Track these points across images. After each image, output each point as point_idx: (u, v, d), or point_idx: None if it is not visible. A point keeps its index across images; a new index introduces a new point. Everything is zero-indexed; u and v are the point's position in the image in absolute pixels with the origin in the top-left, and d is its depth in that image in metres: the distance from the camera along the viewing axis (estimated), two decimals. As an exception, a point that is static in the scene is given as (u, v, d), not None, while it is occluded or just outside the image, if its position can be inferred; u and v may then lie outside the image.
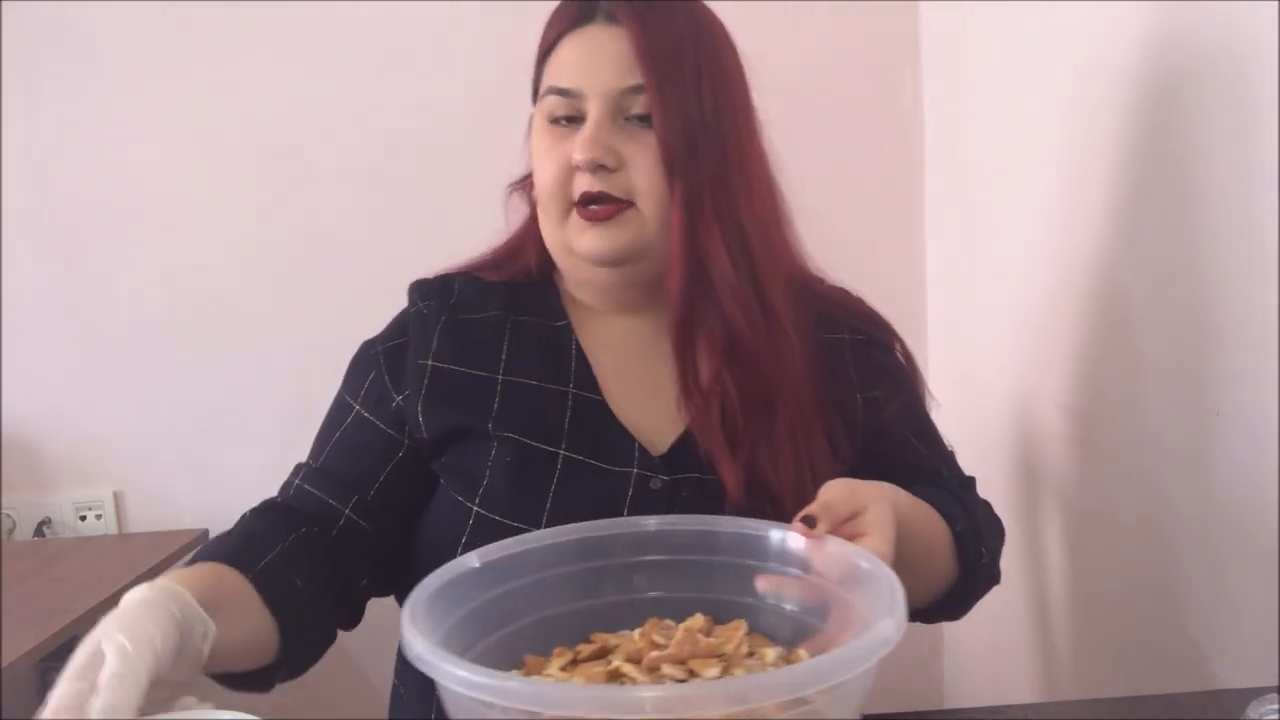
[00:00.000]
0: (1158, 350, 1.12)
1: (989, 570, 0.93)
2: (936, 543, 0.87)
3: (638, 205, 0.91)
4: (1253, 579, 0.98)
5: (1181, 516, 1.10)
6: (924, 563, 0.84)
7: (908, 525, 0.77)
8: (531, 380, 0.95)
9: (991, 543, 0.93)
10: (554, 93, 0.92)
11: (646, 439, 0.94)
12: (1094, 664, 1.33)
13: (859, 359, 1.00)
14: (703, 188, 0.90)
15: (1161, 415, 1.12)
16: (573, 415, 0.94)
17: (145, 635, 0.63)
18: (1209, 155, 1.01)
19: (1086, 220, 1.25)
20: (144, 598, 0.66)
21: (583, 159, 0.89)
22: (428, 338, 0.97)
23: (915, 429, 1.01)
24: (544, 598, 0.72)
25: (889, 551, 0.70)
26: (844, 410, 0.96)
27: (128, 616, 0.64)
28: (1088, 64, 1.23)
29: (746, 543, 0.73)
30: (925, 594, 0.89)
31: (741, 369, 0.91)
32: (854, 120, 1.91)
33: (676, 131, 0.89)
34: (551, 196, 0.92)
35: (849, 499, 0.72)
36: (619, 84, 0.90)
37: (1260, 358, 0.94)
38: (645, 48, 0.89)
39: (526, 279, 1.02)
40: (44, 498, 1.92)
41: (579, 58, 0.92)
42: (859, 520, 0.72)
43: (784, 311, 0.93)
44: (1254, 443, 0.96)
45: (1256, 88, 0.93)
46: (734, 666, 0.64)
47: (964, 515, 0.90)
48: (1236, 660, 1.02)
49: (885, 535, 0.71)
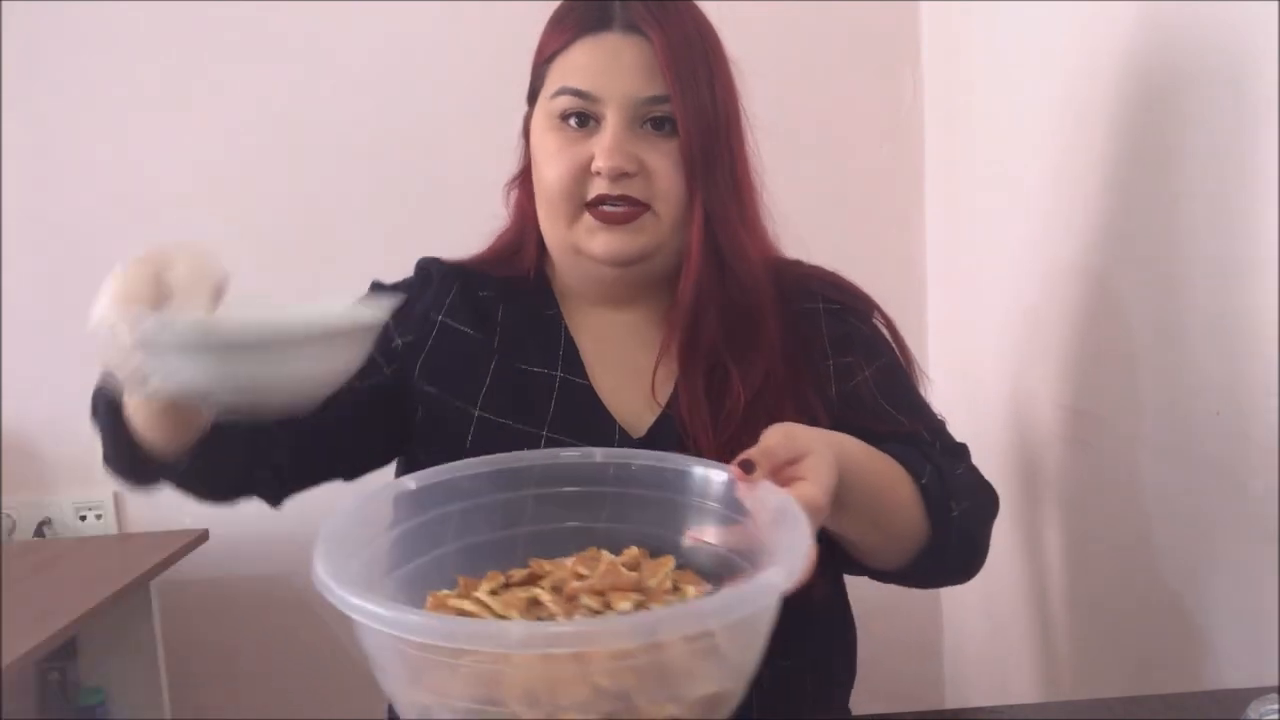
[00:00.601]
0: (1157, 350, 1.12)
1: (963, 529, 0.90)
2: (898, 494, 0.86)
3: (654, 208, 0.94)
4: (1252, 579, 0.98)
5: (1181, 516, 1.10)
6: (885, 514, 0.85)
7: (860, 474, 0.78)
8: (521, 364, 1.00)
9: (965, 501, 0.90)
10: (569, 93, 0.94)
11: (627, 422, 0.98)
12: (1094, 664, 1.33)
13: (832, 327, 1.02)
14: (719, 189, 0.94)
15: (1161, 415, 1.12)
16: (559, 398, 0.98)
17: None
18: (1209, 155, 1.01)
19: (1086, 220, 1.26)
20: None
21: (607, 167, 0.92)
22: (441, 295, 1.02)
23: (892, 396, 1.00)
24: (488, 521, 0.74)
25: (823, 497, 0.71)
26: (817, 377, 0.99)
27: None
28: (1088, 64, 1.23)
29: (689, 480, 0.74)
30: (896, 550, 0.89)
31: (735, 350, 0.96)
32: (854, 120, 1.91)
33: (697, 139, 0.93)
34: (562, 197, 0.95)
35: (788, 445, 0.73)
36: (640, 93, 0.93)
37: (1260, 358, 0.94)
38: (669, 60, 0.92)
39: (525, 275, 1.05)
40: (44, 498, 1.92)
41: (597, 63, 0.94)
42: (797, 466, 0.73)
43: (768, 296, 0.98)
44: (1253, 443, 0.96)
45: (1256, 88, 0.93)
46: (653, 601, 0.65)
47: (932, 471, 0.89)
48: (1236, 660, 1.02)
49: (821, 482, 0.71)
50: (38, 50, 1.84)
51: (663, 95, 0.93)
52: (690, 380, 0.96)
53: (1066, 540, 1.39)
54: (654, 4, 0.94)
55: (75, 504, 1.92)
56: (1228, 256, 0.99)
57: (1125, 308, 1.19)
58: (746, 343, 0.96)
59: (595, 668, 0.57)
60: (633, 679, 0.57)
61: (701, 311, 0.96)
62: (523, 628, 0.59)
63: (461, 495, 0.74)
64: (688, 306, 0.96)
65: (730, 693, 0.62)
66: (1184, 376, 1.07)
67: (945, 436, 1.00)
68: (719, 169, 0.94)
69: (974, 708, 1.09)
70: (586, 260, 0.97)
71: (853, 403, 0.98)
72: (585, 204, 0.94)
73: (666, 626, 0.57)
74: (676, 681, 0.58)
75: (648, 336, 1.01)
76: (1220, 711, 0.80)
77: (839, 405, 0.98)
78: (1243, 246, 0.96)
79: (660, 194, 0.94)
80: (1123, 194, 1.18)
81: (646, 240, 0.95)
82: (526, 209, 1.03)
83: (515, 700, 0.57)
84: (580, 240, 0.96)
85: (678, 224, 0.95)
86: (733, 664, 0.61)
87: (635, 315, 1.02)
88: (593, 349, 1.02)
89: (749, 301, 0.96)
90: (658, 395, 0.99)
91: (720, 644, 0.59)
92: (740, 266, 0.96)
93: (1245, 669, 1.00)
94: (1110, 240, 1.21)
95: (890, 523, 0.86)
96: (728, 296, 0.96)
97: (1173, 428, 1.10)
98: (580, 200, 0.94)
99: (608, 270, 0.97)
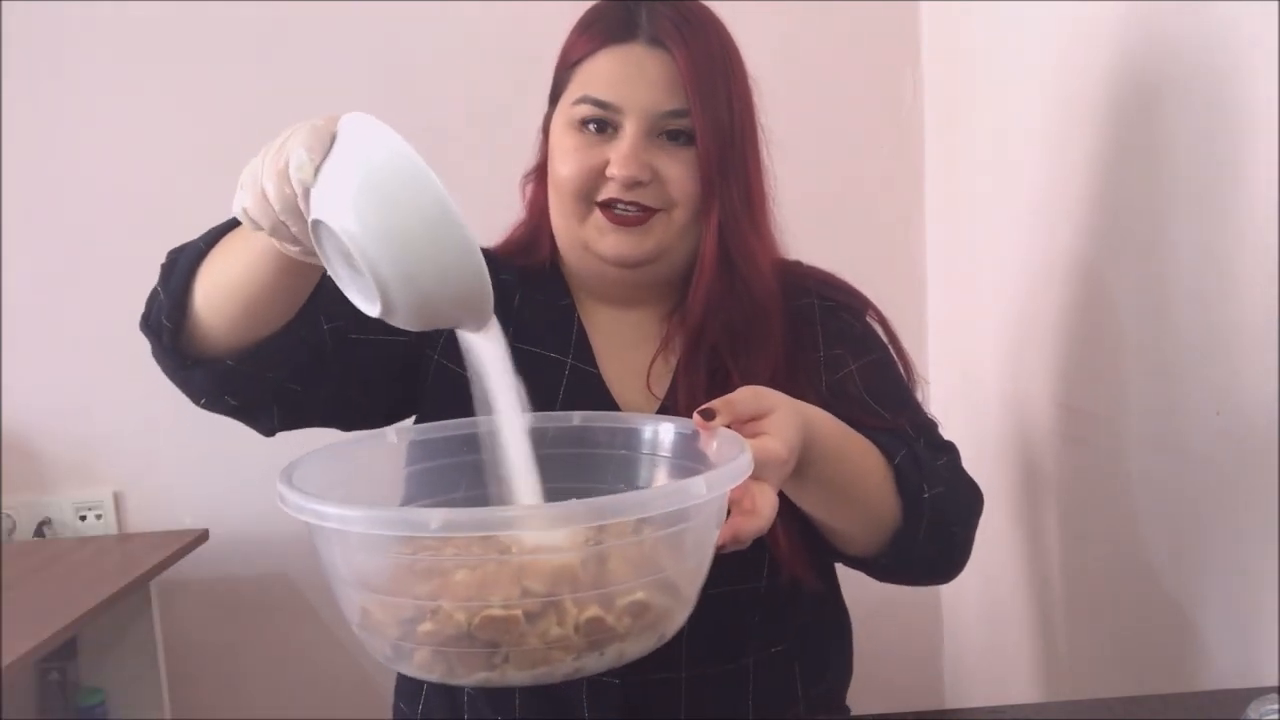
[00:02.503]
0: (1156, 350, 1.12)
1: (936, 514, 0.90)
2: (868, 470, 0.87)
3: (665, 213, 0.97)
4: (1252, 579, 0.98)
5: (1181, 516, 1.10)
6: (854, 488, 0.86)
7: (828, 443, 0.80)
8: (534, 347, 1.01)
9: (939, 487, 0.91)
10: (590, 102, 0.96)
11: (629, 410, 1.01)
12: (1094, 664, 1.33)
13: (826, 320, 1.04)
14: (734, 201, 0.96)
15: (1160, 415, 1.12)
16: (568, 383, 1.01)
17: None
18: (1207, 155, 1.01)
19: (1085, 220, 1.26)
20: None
21: (622, 175, 0.94)
22: None
23: (878, 391, 1.01)
24: (457, 479, 0.78)
25: (784, 451, 0.72)
26: (809, 371, 1.00)
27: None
28: (1088, 64, 1.23)
29: (627, 436, 0.79)
30: (868, 530, 0.90)
31: (739, 356, 0.98)
32: (854, 120, 1.91)
33: (714, 153, 0.95)
34: (574, 196, 0.97)
35: (754, 400, 0.75)
36: (660, 106, 0.95)
37: (1260, 358, 0.94)
38: (691, 78, 0.94)
39: (542, 265, 1.07)
40: (44, 498, 1.92)
41: (620, 74, 0.96)
42: (761, 422, 0.74)
43: (776, 305, 1.00)
44: (1253, 442, 0.96)
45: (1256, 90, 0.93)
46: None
47: (907, 454, 0.90)
48: (1236, 660, 1.02)
49: (784, 438, 0.73)
50: (38, 50, 1.84)
51: (682, 109, 0.95)
52: (691, 380, 0.98)
53: (1066, 540, 1.39)
54: (680, 19, 0.96)
55: (75, 504, 1.92)
56: (1231, 256, 0.99)
57: (1125, 307, 1.19)
58: (751, 349, 0.98)
59: (525, 569, 0.60)
60: (562, 579, 0.60)
61: (709, 319, 0.98)
62: (442, 514, 0.61)
63: (437, 453, 0.78)
64: (698, 314, 0.98)
65: (662, 609, 0.64)
66: (1184, 376, 1.07)
67: (932, 434, 1.00)
68: (734, 182, 0.96)
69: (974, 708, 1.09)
70: (594, 259, 0.99)
71: (839, 394, 0.99)
72: (597, 202, 0.96)
73: (583, 516, 0.60)
74: (603, 583, 0.61)
75: (649, 332, 1.03)
76: (1220, 711, 0.80)
77: (827, 397, 0.99)
78: (1246, 245, 0.96)
79: (671, 200, 0.96)
80: (1122, 194, 1.18)
81: (655, 243, 0.97)
82: (541, 203, 1.04)
83: (448, 599, 0.60)
84: (590, 239, 0.98)
85: (687, 229, 0.97)
86: (662, 576, 0.64)
87: (640, 313, 1.04)
88: (600, 341, 1.04)
89: (757, 310, 0.99)
90: (654, 388, 1.01)
91: (647, 549, 0.63)
92: (752, 276, 0.98)
93: (1245, 669, 1.00)
94: (1110, 240, 1.21)
95: (860, 499, 0.87)
96: (737, 305, 0.98)
97: (1172, 427, 1.10)
98: (592, 199, 0.97)
99: (614, 270, 0.99)
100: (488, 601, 0.60)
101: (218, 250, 0.87)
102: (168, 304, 0.87)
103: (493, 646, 0.60)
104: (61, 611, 1.44)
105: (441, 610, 0.60)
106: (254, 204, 0.70)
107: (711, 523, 0.66)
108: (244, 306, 0.85)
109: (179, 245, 0.92)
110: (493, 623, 0.59)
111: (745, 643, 0.98)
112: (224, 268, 0.85)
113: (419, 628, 0.61)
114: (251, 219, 0.71)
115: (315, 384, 0.96)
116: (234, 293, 0.84)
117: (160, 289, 0.89)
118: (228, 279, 0.84)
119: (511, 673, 0.61)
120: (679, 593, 0.66)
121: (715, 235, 0.96)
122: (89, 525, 1.92)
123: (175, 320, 0.87)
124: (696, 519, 0.64)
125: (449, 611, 0.60)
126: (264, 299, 0.84)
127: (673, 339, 1.02)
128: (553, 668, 0.61)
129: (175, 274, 0.87)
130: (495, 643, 0.60)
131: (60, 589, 1.57)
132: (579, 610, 0.61)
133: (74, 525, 1.92)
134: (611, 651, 0.63)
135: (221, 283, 0.85)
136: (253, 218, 0.71)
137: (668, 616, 0.65)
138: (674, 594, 0.65)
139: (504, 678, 0.61)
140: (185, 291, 0.87)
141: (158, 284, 0.90)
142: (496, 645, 0.60)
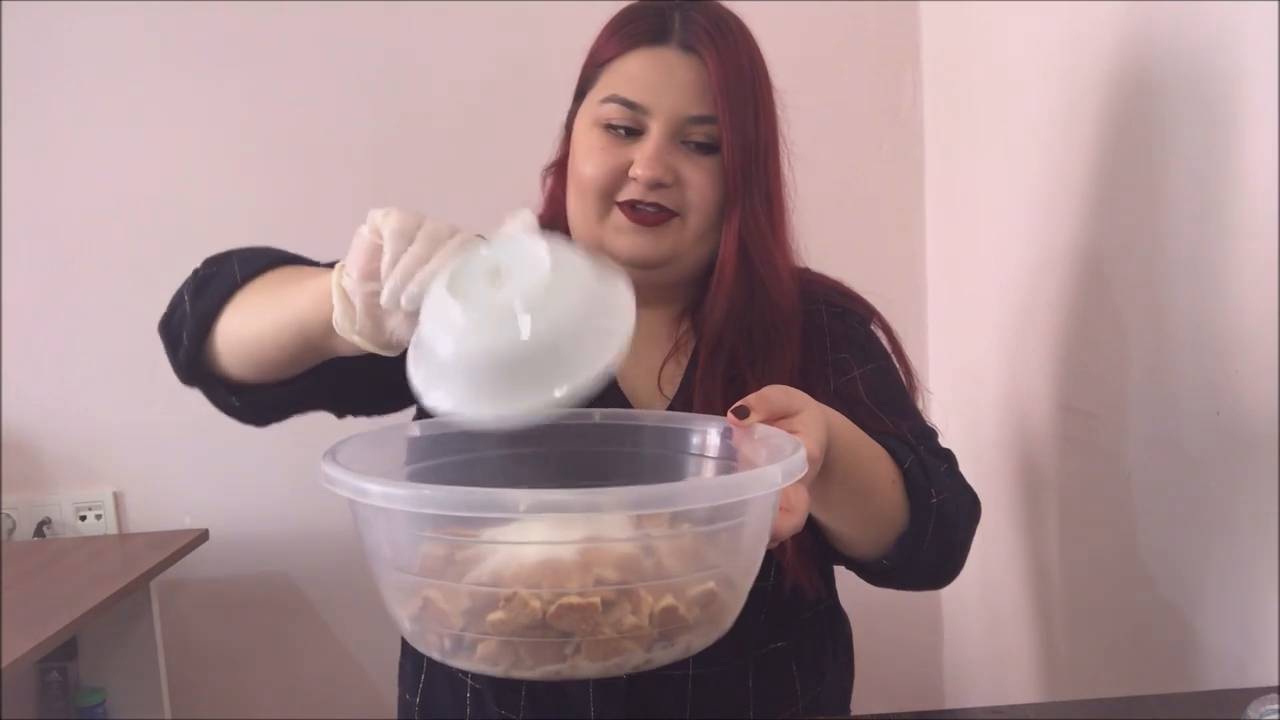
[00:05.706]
0: (1157, 351, 1.12)
1: (942, 518, 0.91)
2: (880, 473, 0.88)
3: (683, 217, 0.97)
4: (1251, 579, 0.98)
5: (1180, 516, 1.10)
6: (868, 490, 0.86)
7: (845, 445, 0.80)
8: None
9: (945, 493, 0.91)
10: (617, 102, 0.96)
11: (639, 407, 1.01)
12: (1094, 664, 1.33)
13: (833, 325, 1.05)
14: (756, 211, 0.97)
15: (1160, 415, 1.12)
16: None
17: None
18: (1205, 154, 1.01)
19: (1085, 220, 1.26)
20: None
21: (645, 176, 0.94)
22: None
23: (880, 397, 1.01)
24: (486, 475, 0.75)
25: (817, 450, 0.73)
26: (819, 376, 1.01)
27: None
28: (1088, 64, 1.23)
29: (672, 436, 0.78)
30: (876, 532, 0.90)
31: (756, 364, 0.98)
32: (854, 120, 1.91)
33: (738, 162, 0.95)
34: (595, 194, 0.97)
35: (785, 398, 0.75)
36: (686, 111, 0.95)
37: (1259, 358, 0.94)
38: (721, 86, 0.94)
39: None
40: (44, 498, 1.92)
41: (650, 77, 0.96)
42: (791, 420, 0.74)
43: (795, 313, 1.00)
44: (1253, 443, 0.96)
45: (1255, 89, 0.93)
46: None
47: (915, 459, 0.91)
48: (1236, 660, 1.02)
49: (816, 437, 0.73)
50: (38, 51, 1.84)
51: (709, 116, 0.95)
52: (707, 385, 0.98)
53: (1066, 540, 1.39)
54: (713, 26, 0.96)
55: (75, 504, 1.92)
56: (1232, 257, 0.99)
57: (1124, 307, 1.19)
58: (769, 356, 0.99)
59: (594, 556, 0.58)
60: (629, 567, 0.59)
61: (729, 325, 0.99)
62: (530, 495, 0.58)
63: (464, 448, 0.76)
64: (716, 320, 0.99)
65: (725, 601, 0.63)
66: (1183, 377, 1.07)
67: (931, 441, 1.01)
68: (756, 191, 0.97)
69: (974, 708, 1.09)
70: (608, 258, 0.98)
71: (843, 399, 0.99)
72: (617, 202, 0.97)
73: (668, 500, 0.59)
74: (669, 573, 0.60)
75: (660, 333, 1.04)
76: (1219, 711, 0.80)
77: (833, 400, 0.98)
78: (1246, 246, 0.96)
79: (691, 204, 0.96)
80: (1124, 193, 1.18)
81: (671, 245, 0.97)
82: (559, 198, 1.04)
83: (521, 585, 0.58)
84: (607, 238, 0.98)
85: (703, 234, 0.98)
86: (725, 569, 0.63)
87: (651, 314, 1.03)
88: None
89: (777, 319, 0.99)
90: (665, 388, 1.02)
91: (723, 539, 0.62)
92: (774, 286, 0.98)
93: (1245, 669, 1.00)
94: (1112, 240, 1.21)
95: (872, 500, 0.87)
96: (758, 313, 0.99)
97: (1172, 428, 1.10)
98: (612, 198, 0.97)
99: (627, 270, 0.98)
100: (564, 589, 0.57)
101: (253, 291, 0.88)
102: (191, 324, 0.89)
103: (565, 636, 0.58)
104: (61, 611, 1.44)
105: (517, 597, 0.58)
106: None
107: (768, 517, 0.65)
108: (257, 366, 0.88)
109: (215, 256, 0.93)
110: (570, 611, 0.57)
111: (747, 642, 0.98)
112: (255, 314, 0.87)
113: (489, 617, 0.59)
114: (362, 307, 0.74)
115: (317, 397, 0.98)
116: (254, 352, 0.87)
117: (188, 303, 0.90)
118: (250, 333, 0.87)
119: (583, 664, 0.59)
120: (735, 587, 0.64)
121: (735, 243, 0.97)
122: (89, 525, 1.92)
123: (195, 340, 0.89)
124: (757, 511, 0.63)
125: (524, 599, 0.58)
126: (281, 364, 0.87)
127: (686, 342, 1.02)
128: (624, 659, 0.59)
129: (206, 298, 0.89)
130: (569, 632, 0.58)
131: (60, 589, 1.57)
132: (654, 599, 0.59)
133: (74, 525, 1.92)
134: (680, 643, 0.61)
135: (245, 336, 0.87)
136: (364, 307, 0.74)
137: (728, 610, 0.64)
138: (732, 588, 0.64)
139: (574, 670, 0.59)
140: (213, 318, 0.88)
141: (186, 294, 0.91)
142: (569, 635, 0.58)
